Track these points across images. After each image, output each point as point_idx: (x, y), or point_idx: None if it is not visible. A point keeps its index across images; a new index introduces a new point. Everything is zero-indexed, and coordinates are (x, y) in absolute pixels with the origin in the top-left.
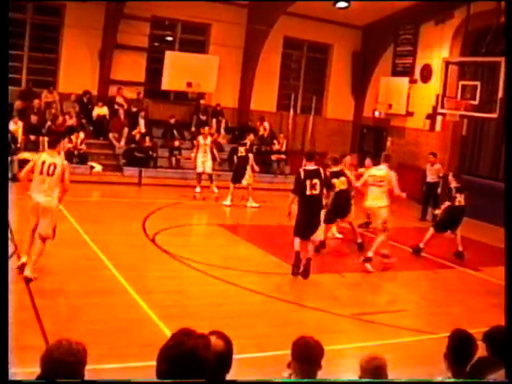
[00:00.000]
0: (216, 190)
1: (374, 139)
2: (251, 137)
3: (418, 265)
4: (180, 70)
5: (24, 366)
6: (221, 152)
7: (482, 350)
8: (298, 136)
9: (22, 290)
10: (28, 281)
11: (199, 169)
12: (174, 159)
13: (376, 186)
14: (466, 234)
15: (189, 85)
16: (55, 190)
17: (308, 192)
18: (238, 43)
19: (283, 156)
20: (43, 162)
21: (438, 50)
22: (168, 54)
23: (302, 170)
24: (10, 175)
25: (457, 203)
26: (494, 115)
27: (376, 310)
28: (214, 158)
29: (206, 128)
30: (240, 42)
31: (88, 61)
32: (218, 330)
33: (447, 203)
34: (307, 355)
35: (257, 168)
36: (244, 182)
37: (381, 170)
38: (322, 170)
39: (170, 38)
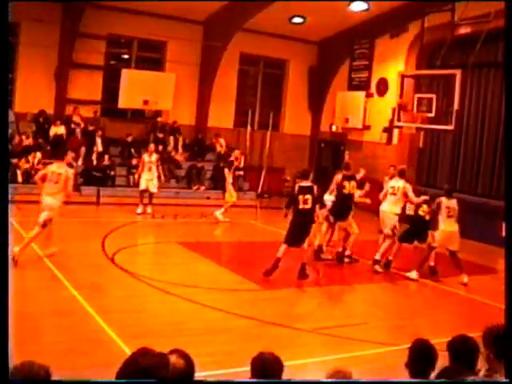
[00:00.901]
0: (149, 211)
1: (331, 153)
2: (236, 153)
3: (378, 277)
4: (137, 88)
5: None
6: (178, 169)
7: (444, 360)
8: (255, 152)
9: None
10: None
11: (142, 186)
12: (131, 178)
13: (391, 195)
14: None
15: (145, 102)
16: (60, 194)
17: (300, 206)
18: (194, 60)
19: (241, 172)
20: (52, 172)
21: (394, 64)
22: (124, 72)
23: (297, 186)
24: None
25: (421, 213)
26: (451, 127)
27: (337, 324)
28: (159, 177)
29: (152, 145)
30: (196, 59)
31: (44, 80)
32: (178, 349)
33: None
34: (266, 371)
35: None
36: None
37: (397, 182)
38: (315, 187)
39: (126, 56)
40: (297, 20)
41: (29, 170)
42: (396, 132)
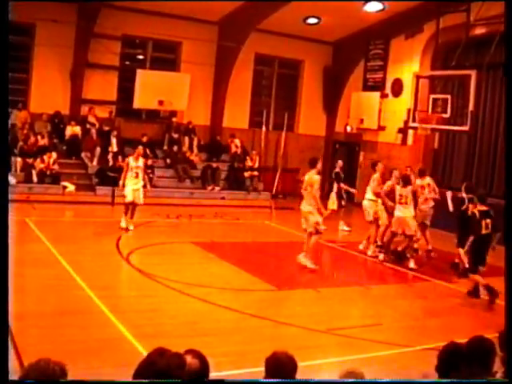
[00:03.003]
0: (132, 228)
1: (346, 154)
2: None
3: (392, 278)
4: (151, 89)
5: None
6: (193, 170)
7: None
8: (270, 152)
9: None
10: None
11: (128, 198)
12: (147, 178)
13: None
14: (440, 246)
15: (160, 103)
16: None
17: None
18: (209, 61)
19: (256, 173)
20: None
21: (409, 65)
22: (139, 73)
23: (476, 212)
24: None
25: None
26: (465, 128)
27: (351, 325)
28: (145, 186)
29: (140, 147)
30: (211, 60)
31: (59, 80)
32: (193, 349)
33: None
34: (280, 371)
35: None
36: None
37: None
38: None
39: (141, 57)
40: (311, 20)
41: (44, 169)
42: (411, 133)
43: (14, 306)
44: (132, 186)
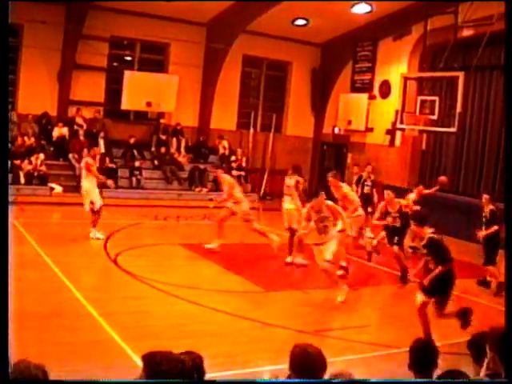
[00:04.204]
0: (102, 237)
1: (334, 156)
2: (369, 168)
3: (380, 280)
4: (139, 90)
5: None
6: (180, 171)
7: (444, 362)
8: (258, 154)
9: None
10: None
11: (98, 204)
12: (134, 179)
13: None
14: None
15: (148, 104)
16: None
17: None
18: (197, 62)
19: (243, 173)
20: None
21: (397, 66)
22: (127, 74)
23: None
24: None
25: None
26: (453, 129)
27: (340, 326)
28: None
29: (96, 148)
30: (199, 61)
31: (47, 81)
32: (190, 351)
33: None
34: (306, 366)
35: None
36: None
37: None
38: None
39: (129, 58)
40: (300, 22)
41: (31, 171)
42: (399, 134)
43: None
44: (97, 192)
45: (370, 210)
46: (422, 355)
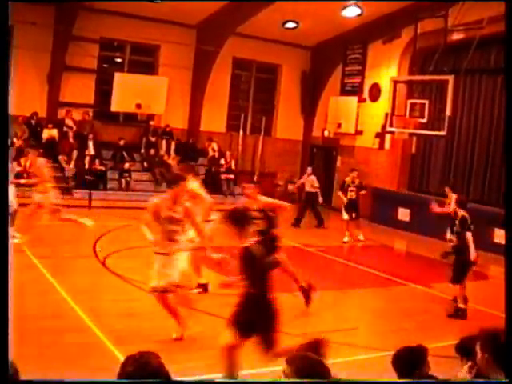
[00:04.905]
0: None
1: (323, 159)
2: (354, 173)
3: (370, 282)
4: (129, 92)
5: None
6: (170, 173)
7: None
8: (247, 156)
9: None
10: None
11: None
12: (123, 181)
13: None
14: (416, 250)
15: (138, 106)
16: None
17: None
18: (187, 64)
19: (231, 175)
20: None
21: (386, 69)
22: (117, 76)
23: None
24: None
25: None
26: (443, 133)
27: (328, 329)
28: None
29: (29, 149)
30: (189, 63)
31: (37, 82)
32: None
33: None
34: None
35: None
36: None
37: None
38: None
39: (118, 60)
40: (290, 25)
41: (20, 173)
42: (388, 137)
43: None
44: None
45: (354, 215)
46: (406, 363)
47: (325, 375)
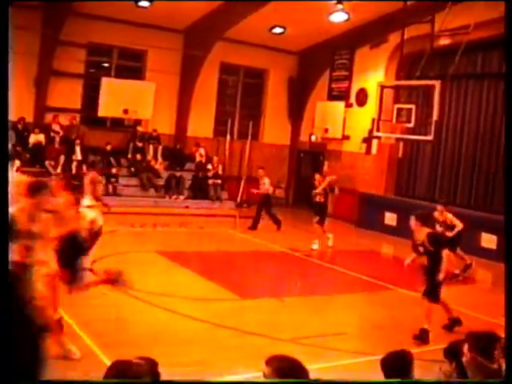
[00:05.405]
0: None
1: (310, 163)
2: (318, 177)
3: (356, 287)
4: (116, 97)
5: None
6: (157, 178)
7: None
8: (234, 161)
9: None
10: None
11: None
12: (110, 186)
13: None
14: (403, 254)
15: (125, 111)
16: None
17: None
18: (174, 69)
19: (219, 181)
20: None
21: (373, 74)
22: (104, 81)
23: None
24: None
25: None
26: (430, 137)
27: (316, 334)
28: None
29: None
30: (176, 68)
31: (23, 87)
32: (145, 356)
33: None
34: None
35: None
36: None
37: None
38: None
39: (106, 65)
40: (277, 30)
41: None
42: (375, 142)
43: None
44: None
45: (317, 219)
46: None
47: (303, 375)
